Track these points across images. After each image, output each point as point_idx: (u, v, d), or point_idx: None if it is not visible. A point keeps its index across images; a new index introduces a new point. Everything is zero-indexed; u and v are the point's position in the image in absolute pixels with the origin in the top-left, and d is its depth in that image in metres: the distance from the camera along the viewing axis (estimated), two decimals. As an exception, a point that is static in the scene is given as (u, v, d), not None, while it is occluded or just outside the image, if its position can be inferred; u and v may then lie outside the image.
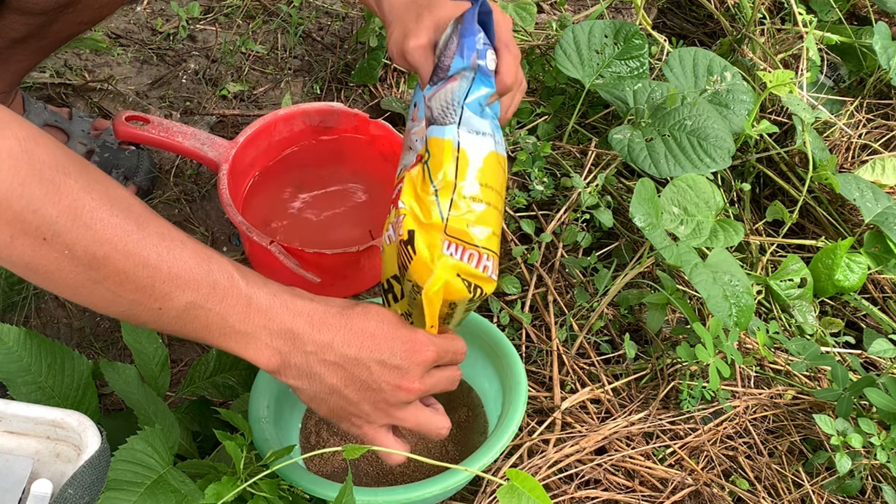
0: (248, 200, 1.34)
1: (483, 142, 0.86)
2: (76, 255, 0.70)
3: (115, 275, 0.72)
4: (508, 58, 0.90)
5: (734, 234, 1.24)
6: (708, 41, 1.84)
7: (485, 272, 0.85)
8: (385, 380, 0.83)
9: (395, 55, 0.95)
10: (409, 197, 0.84)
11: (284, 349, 0.81)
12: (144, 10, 1.76)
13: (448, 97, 0.86)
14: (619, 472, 1.09)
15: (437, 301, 0.84)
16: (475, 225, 0.84)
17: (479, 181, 0.84)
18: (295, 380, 0.83)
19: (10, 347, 0.90)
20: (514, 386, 1.02)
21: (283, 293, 0.82)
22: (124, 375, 0.95)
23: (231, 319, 0.78)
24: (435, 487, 0.91)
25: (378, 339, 0.83)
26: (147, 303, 0.74)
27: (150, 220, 0.75)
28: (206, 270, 0.77)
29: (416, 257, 0.83)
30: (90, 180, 0.71)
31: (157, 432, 0.86)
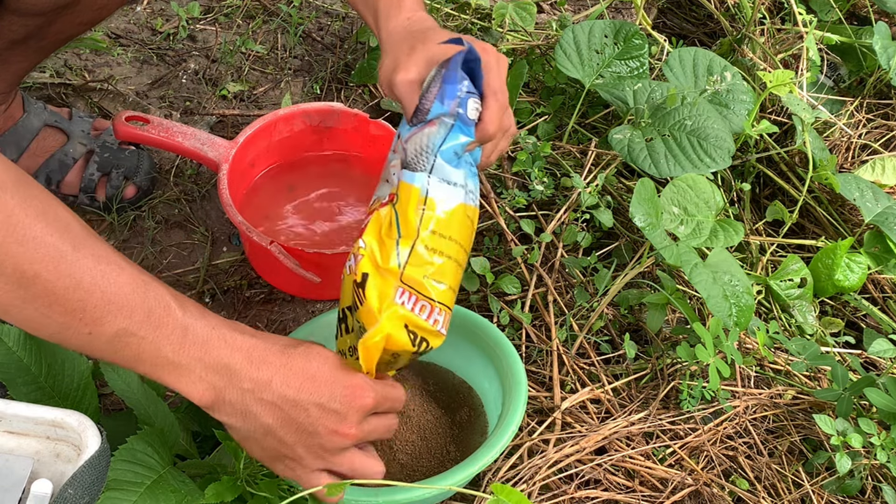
0: (248, 200, 1.34)
1: (453, 193, 0.85)
2: (4, 272, 0.68)
3: (44, 295, 0.69)
4: (494, 106, 0.89)
5: (734, 234, 1.24)
6: (708, 41, 1.84)
7: (434, 326, 0.84)
8: (322, 424, 0.81)
9: (382, 85, 0.94)
10: (371, 237, 0.83)
11: (220, 384, 0.78)
12: (144, 10, 1.76)
13: (423, 142, 0.85)
14: (619, 472, 1.09)
15: (374, 352, 0.83)
16: (433, 278, 0.83)
17: (442, 233, 0.83)
18: (228, 417, 0.80)
19: (9, 348, 0.90)
20: (514, 386, 1.02)
21: (223, 326, 0.79)
22: (124, 375, 0.95)
23: (164, 350, 0.75)
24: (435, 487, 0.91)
25: (318, 382, 0.81)
26: (77, 326, 0.71)
27: (86, 242, 0.72)
28: (142, 297, 0.74)
29: (365, 303, 0.82)
30: (27, 196, 0.69)
31: (157, 432, 0.86)
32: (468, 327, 1.10)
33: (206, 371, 0.77)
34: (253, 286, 1.32)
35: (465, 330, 1.10)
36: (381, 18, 1.00)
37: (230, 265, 1.35)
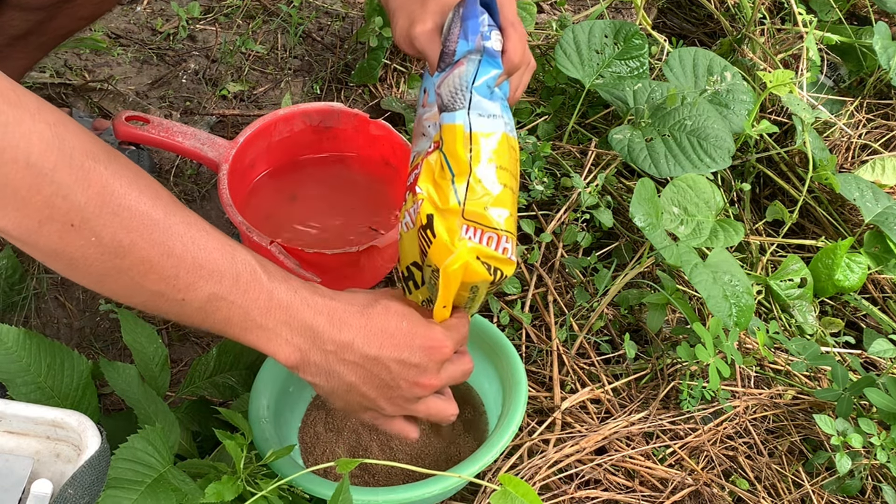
0: (248, 200, 1.34)
1: (494, 124, 0.86)
2: (103, 243, 0.70)
3: (140, 263, 0.72)
4: (514, 37, 0.90)
5: (734, 234, 1.24)
6: (708, 41, 1.84)
7: (504, 254, 0.84)
8: (403, 378, 0.84)
9: (402, 43, 0.95)
10: (426, 183, 0.84)
11: (304, 346, 0.81)
12: (144, 10, 1.76)
13: (456, 82, 0.85)
14: (619, 472, 1.09)
15: (454, 280, 0.84)
16: (492, 207, 0.83)
17: (493, 164, 0.84)
18: (313, 377, 0.83)
19: (9, 347, 0.90)
20: (514, 386, 1.01)
21: (304, 289, 0.82)
22: (124, 375, 0.95)
23: (253, 313, 0.78)
24: (435, 488, 0.91)
25: (397, 338, 0.83)
26: (170, 293, 0.74)
27: (176, 209, 0.74)
28: (230, 262, 0.76)
29: (436, 240, 0.83)
30: (119, 167, 0.71)
31: (157, 431, 0.86)
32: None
33: (291, 334, 0.80)
34: (253, 286, 1.32)
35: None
36: None
37: (230, 265, 1.35)
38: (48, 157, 0.67)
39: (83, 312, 1.25)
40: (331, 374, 0.83)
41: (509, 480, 0.83)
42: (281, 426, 1.02)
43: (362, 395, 0.85)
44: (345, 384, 0.84)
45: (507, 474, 0.91)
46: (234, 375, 1.06)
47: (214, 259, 0.75)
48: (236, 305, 0.77)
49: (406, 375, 0.84)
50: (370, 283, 1.30)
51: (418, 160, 0.88)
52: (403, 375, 0.84)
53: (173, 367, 1.20)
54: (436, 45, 0.89)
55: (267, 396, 1.01)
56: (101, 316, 1.25)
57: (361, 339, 0.82)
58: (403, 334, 0.84)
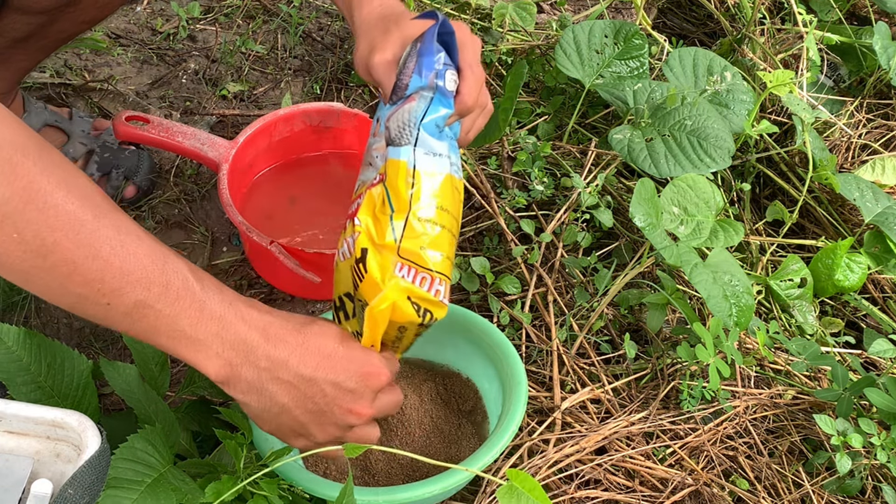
0: (248, 200, 1.34)
1: (439, 163, 0.85)
2: (25, 240, 0.67)
3: (63, 264, 0.69)
4: (471, 79, 0.89)
5: (734, 234, 1.24)
6: (708, 41, 1.84)
7: (436, 296, 0.84)
8: (337, 403, 0.82)
9: (360, 69, 0.94)
10: (366, 215, 0.84)
11: (236, 361, 0.78)
12: (144, 10, 1.76)
13: (405, 117, 0.85)
14: (619, 472, 1.09)
15: (381, 320, 0.83)
16: (429, 248, 0.83)
17: (434, 204, 0.84)
18: (243, 394, 0.80)
19: (9, 347, 0.90)
20: (515, 386, 1.02)
21: (239, 302, 0.79)
22: (125, 375, 0.95)
23: (181, 323, 0.75)
24: (435, 487, 0.91)
25: (334, 360, 0.81)
26: (95, 297, 0.71)
27: (107, 212, 0.72)
28: (161, 270, 0.73)
29: (367, 276, 0.82)
30: (50, 163, 0.69)
31: (157, 431, 0.86)
32: (468, 327, 1.10)
33: (223, 347, 0.77)
34: (253, 286, 1.32)
35: (465, 330, 1.10)
36: (354, 6, 1.00)
37: (230, 265, 1.35)
38: None
39: (83, 312, 1.25)
40: (262, 392, 0.80)
41: (516, 475, 0.82)
42: (281, 426, 1.02)
43: (294, 419, 0.82)
44: (276, 405, 0.80)
45: (513, 469, 0.91)
46: (234, 375, 1.06)
47: (144, 265, 0.72)
48: (164, 314, 0.74)
49: (340, 401, 0.82)
50: (370, 283, 1.30)
51: (362, 189, 0.87)
52: (338, 401, 0.81)
53: (173, 367, 1.20)
54: (391, 75, 0.88)
55: (267, 396, 1.01)
56: (101, 316, 1.25)
57: (297, 358, 0.79)
58: (340, 357, 0.82)
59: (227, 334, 0.77)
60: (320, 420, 0.82)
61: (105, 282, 0.71)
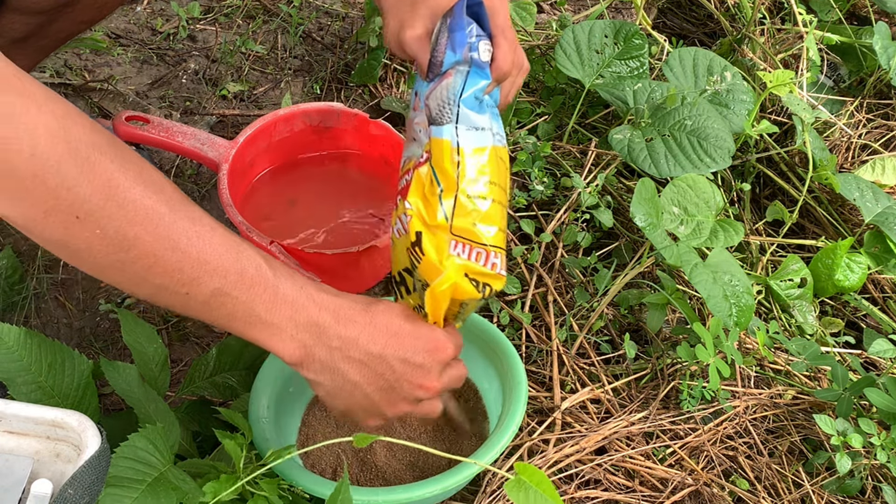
0: (248, 200, 1.34)
1: (482, 137, 0.85)
2: (107, 235, 0.70)
3: (144, 257, 0.72)
4: (504, 44, 0.89)
5: (734, 234, 1.24)
6: (708, 41, 1.84)
7: (493, 269, 0.84)
8: (406, 378, 0.84)
9: (392, 46, 0.95)
10: (416, 197, 0.84)
11: (309, 342, 0.81)
12: (144, 10, 1.76)
13: (444, 95, 0.85)
14: (619, 472, 1.09)
15: (443, 301, 0.85)
16: (481, 223, 0.84)
17: (482, 178, 0.84)
18: (316, 374, 0.83)
19: (10, 347, 0.90)
20: (515, 386, 1.02)
21: (309, 286, 0.82)
22: (125, 374, 0.95)
23: (257, 309, 0.78)
24: (435, 487, 0.91)
25: (401, 337, 0.84)
26: (174, 287, 0.74)
27: (181, 204, 0.75)
28: (235, 258, 0.77)
29: (425, 259, 0.83)
30: (124, 160, 0.71)
31: (157, 430, 0.86)
32: (468, 327, 1.10)
33: (296, 329, 0.80)
34: (253, 286, 1.32)
35: (465, 330, 1.10)
36: None
37: (230, 265, 1.35)
38: (54, 148, 0.67)
39: (83, 312, 1.25)
40: (335, 371, 0.83)
41: (524, 469, 0.82)
42: (281, 426, 1.02)
43: (365, 397, 0.85)
44: (349, 383, 0.83)
45: (521, 462, 0.91)
46: (234, 375, 1.06)
47: (219, 254, 0.75)
48: (240, 301, 0.77)
49: (410, 376, 0.84)
50: (370, 284, 1.30)
51: (409, 165, 0.88)
52: (407, 376, 0.84)
53: (173, 367, 1.20)
54: (425, 50, 0.89)
55: (267, 396, 1.01)
56: (101, 316, 1.25)
57: (366, 336, 0.82)
58: (407, 333, 0.84)
59: (299, 317, 0.80)
60: (390, 396, 0.85)
61: (184, 272, 0.74)
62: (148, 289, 0.75)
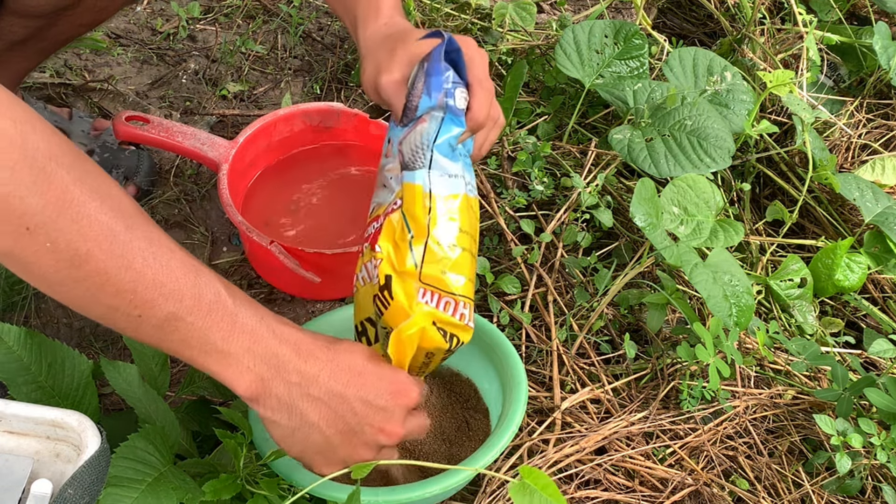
0: (248, 200, 1.34)
1: (455, 185, 0.84)
2: (58, 249, 0.67)
3: (95, 275, 0.68)
4: (481, 94, 0.89)
5: (734, 234, 1.24)
6: (708, 41, 1.84)
7: (461, 320, 0.83)
8: (368, 422, 0.80)
9: (368, 91, 0.94)
10: (386, 242, 0.83)
11: (267, 375, 0.77)
12: (144, 10, 1.76)
13: (418, 140, 0.84)
14: (619, 472, 1.09)
15: (409, 345, 0.82)
16: (450, 271, 0.82)
17: (452, 226, 0.83)
18: (273, 412, 0.79)
19: (10, 347, 0.90)
20: (515, 386, 1.01)
21: (270, 318, 0.78)
22: (125, 374, 0.95)
23: (213, 337, 0.74)
24: (435, 487, 0.91)
25: (364, 377, 0.80)
26: (126, 309, 0.70)
27: (139, 223, 0.71)
28: (193, 282, 0.73)
29: (394, 303, 0.81)
30: (83, 173, 0.69)
31: (157, 430, 0.86)
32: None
33: (254, 361, 0.76)
34: (253, 286, 1.32)
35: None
36: (359, 25, 0.99)
37: (230, 265, 1.35)
38: (9, 155, 0.64)
39: (83, 312, 1.25)
40: (292, 409, 0.78)
41: (528, 472, 0.81)
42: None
43: (323, 439, 0.80)
44: (306, 423, 0.79)
45: (526, 465, 0.90)
46: (234, 375, 1.06)
47: (176, 277, 0.72)
48: (195, 327, 0.73)
49: (371, 419, 0.80)
50: (370, 283, 1.30)
51: (378, 212, 0.87)
52: (369, 419, 0.80)
53: (173, 367, 1.20)
54: (401, 95, 0.88)
55: (267, 396, 1.01)
56: (101, 316, 1.25)
57: (328, 374, 0.79)
58: (371, 373, 0.81)
59: (258, 348, 0.76)
60: (350, 440, 0.81)
61: (137, 293, 0.70)
62: (99, 309, 0.71)
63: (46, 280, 0.69)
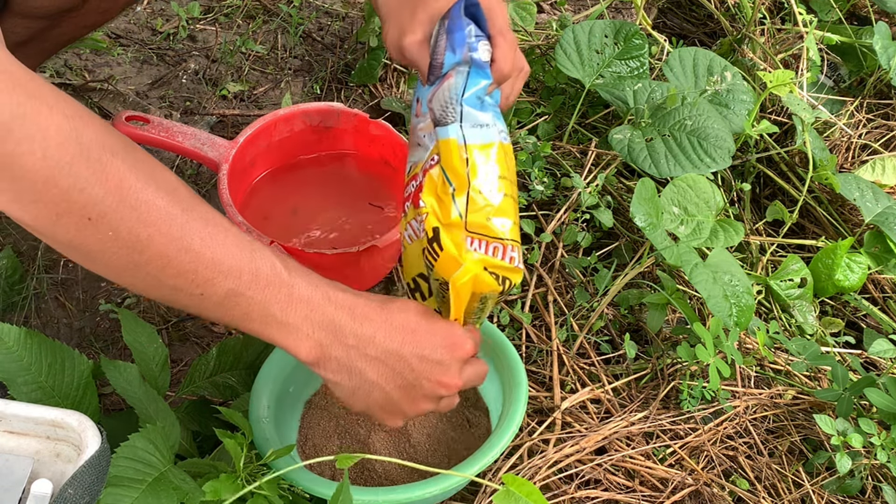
0: (248, 200, 1.34)
1: (488, 134, 0.85)
2: (120, 237, 0.70)
3: (157, 258, 0.71)
4: (504, 45, 0.89)
5: (734, 234, 1.24)
6: (708, 41, 1.84)
7: (511, 263, 0.84)
8: (425, 376, 0.83)
9: (392, 52, 0.95)
10: (429, 197, 0.84)
11: (326, 341, 0.80)
12: (144, 10, 1.76)
13: (446, 95, 0.85)
14: (619, 472, 1.09)
15: (465, 293, 0.84)
16: (495, 217, 0.83)
17: (492, 173, 0.84)
18: (334, 374, 0.82)
19: (10, 347, 0.90)
20: (515, 386, 1.02)
21: (324, 285, 0.81)
22: (125, 374, 0.95)
23: (272, 308, 0.77)
24: (435, 487, 0.91)
25: (418, 334, 0.83)
26: (188, 288, 0.74)
27: (194, 204, 0.74)
28: (249, 258, 0.76)
29: (443, 253, 0.83)
30: (136, 161, 0.71)
31: (158, 430, 0.86)
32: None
33: (312, 328, 0.79)
34: (253, 286, 1.32)
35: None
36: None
37: (230, 265, 1.35)
38: (66, 150, 0.66)
39: (83, 312, 1.25)
40: (352, 370, 0.82)
41: (512, 480, 0.83)
42: (281, 426, 1.02)
43: (385, 396, 0.84)
44: (367, 382, 0.82)
45: (509, 474, 0.91)
46: (234, 375, 1.06)
47: (233, 255, 0.75)
48: (255, 301, 0.76)
49: (429, 374, 0.83)
50: (370, 284, 1.30)
51: (416, 170, 0.88)
52: (426, 374, 0.83)
53: (173, 367, 1.20)
54: (425, 55, 0.89)
55: (267, 396, 1.01)
56: (101, 316, 1.25)
57: (383, 334, 0.82)
58: (425, 330, 0.83)
59: (315, 316, 0.79)
60: (410, 394, 0.84)
61: (198, 273, 0.73)
62: (163, 291, 0.74)
63: (111, 267, 0.72)
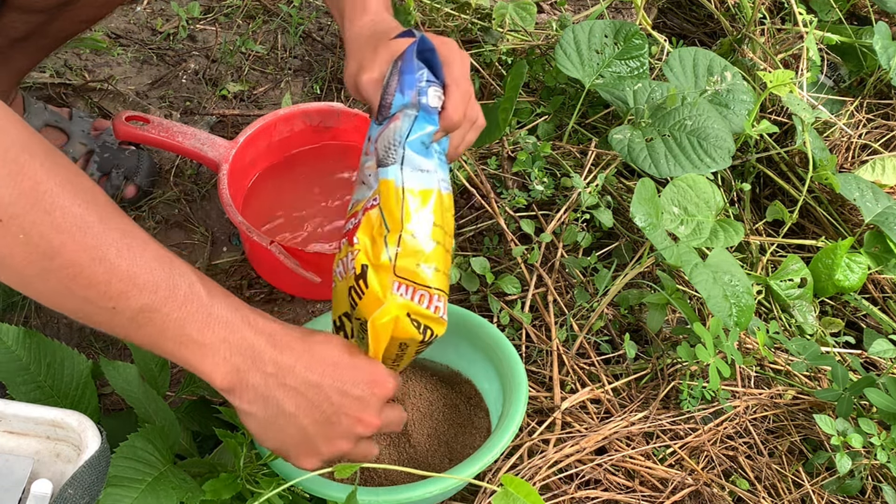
0: (248, 200, 1.34)
1: (427, 180, 0.85)
2: (31, 241, 0.66)
3: (68, 266, 0.67)
4: (456, 94, 0.89)
5: (734, 234, 1.24)
6: (708, 41, 1.84)
7: (436, 313, 0.83)
8: (345, 411, 0.80)
9: (349, 88, 0.94)
10: (364, 236, 0.84)
11: (243, 367, 0.76)
12: (144, 10, 1.76)
13: (391, 137, 0.85)
14: (619, 472, 1.09)
15: (384, 335, 0.83)
16: (425, 263, 0.83)
17: (425, 220, 0.84)
18: (249, 403, 0.78)
19: (9, 347, 0.90)
20: (515, 386, 1.02)
21: (245, 309, 0.78)
22: (125, 374, 0.95)
23: (189, 328, 0.73)
24: (435, 487, 0.91)
25: (340, 368, 0.80)
26: (100, 301, 0.69)
27: (112, 215, 0.71)
28: (168, 273, 0.72)
29: (368, 292, 0.82)
30: (55, 164, 0.68)
31: (157, 430, 0.86)
32: (468, 328, 1.10)
33: (230, 352, 0.75)
34: (253, 286, 1.32)
35: (466, 330, 1.10)
36: (346, 21, 0.99)
37: (230, 265, 1.35)
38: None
39: (83, 312, 1.25)
40: (268, 400, 0.77)
41: (511, 481, 0.83)
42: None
43: (300, 430, 0.79)
44: (282, 414, 0.78)
45: (508, 475, 0.91)
46: (234, 375, 1.06)
47: (151, 269, 0.71)
48: (171, 318, 0.72)
49: (348, 409, 0.79)
50: (370, 283, 1.30)
51: (357, 208, 0.87)
52: (345, 409, 0.79)
53: (173, 367, 1.19)
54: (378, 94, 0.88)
55: (267, 396, 1.01)
56: (101, 316, 1.25)
57: (304, 364, 0.78)
58: (347, 364, 0.80)
59: (234, 339, 0.75)
60: (327, 431, 0.80)
61: (111, 284, 0.69)
62: (74, 301, 0.70)
63: (19, 273, 0.68)
